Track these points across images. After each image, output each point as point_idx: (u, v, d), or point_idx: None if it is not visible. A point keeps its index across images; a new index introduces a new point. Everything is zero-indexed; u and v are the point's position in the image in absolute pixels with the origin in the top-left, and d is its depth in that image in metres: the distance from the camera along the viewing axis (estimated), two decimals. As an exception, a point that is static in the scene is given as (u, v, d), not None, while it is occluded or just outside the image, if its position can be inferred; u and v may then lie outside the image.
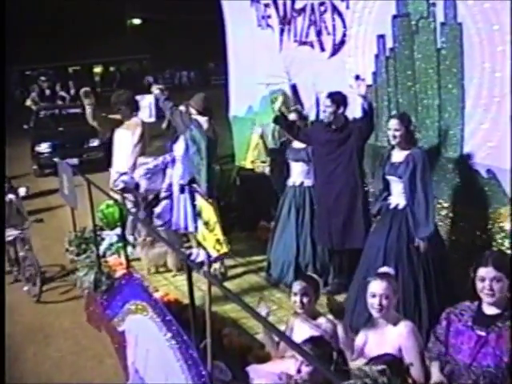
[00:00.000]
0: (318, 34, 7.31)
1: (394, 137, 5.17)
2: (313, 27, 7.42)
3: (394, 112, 6.30)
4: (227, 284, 6.45)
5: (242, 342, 5.23)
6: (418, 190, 5.07)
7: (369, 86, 6.57)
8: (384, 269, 4.41)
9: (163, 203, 6.85)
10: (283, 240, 6.71)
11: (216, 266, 6.85)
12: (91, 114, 7.44)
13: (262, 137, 8.64)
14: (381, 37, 6.32)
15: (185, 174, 6.58)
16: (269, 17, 8.24)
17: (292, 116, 6.65)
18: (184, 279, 6.92)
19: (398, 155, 5.24)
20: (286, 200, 6.72)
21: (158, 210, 6.89)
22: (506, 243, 5.26)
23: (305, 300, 4.34)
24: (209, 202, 3.91)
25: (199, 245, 7.31)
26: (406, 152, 5.18)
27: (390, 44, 6.23)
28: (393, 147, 5.31)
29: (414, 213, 5.10)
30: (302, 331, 4.32)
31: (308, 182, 6.51)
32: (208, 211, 3.90)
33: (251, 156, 8.81)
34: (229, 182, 8.58)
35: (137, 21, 43.41)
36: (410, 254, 5.16)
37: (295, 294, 4.36)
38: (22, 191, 7.99)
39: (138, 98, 7.32)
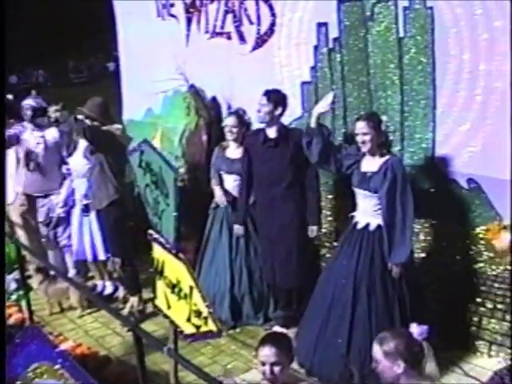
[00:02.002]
0: (237, 23, 6.26)
1: (363, 142, 4.31)
2: (230, 16, 6.35)
3: (337, 113, 5.40)
4: (148, 325, 5.41)
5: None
6: (397, 207, 4.22)
7: (306, 83, 5.65)
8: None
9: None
10: (214, 267, 5.67)
11: (133, 300, 5.69)
12: None
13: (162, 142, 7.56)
14: (322, 25, 5.38)
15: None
16: (172, 5, 7.06)
17: (230, 120, 5.54)
18: (94, 320, 5.81)
19: (370, 164, 4.37)
20: (216, 219, 5.68)
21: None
22: (494, 264, 4.52)
23: (276, 369, 3.28)
24: (180, 259, 2.76)
25: (109, 275, 6.31)
26: (381, 160, 4.33)
27: (334, 33, 5.30)
28: (363, 154, 4.42)
29: (390, 234, 4.24)
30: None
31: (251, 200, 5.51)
32: (177, 270, 2.76)
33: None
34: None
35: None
36: (384, 283, 4.32)
37: (263, 364, 3.30)
38: None
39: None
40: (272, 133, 5.08)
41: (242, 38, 6.27)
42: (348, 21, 5.14)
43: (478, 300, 4.68)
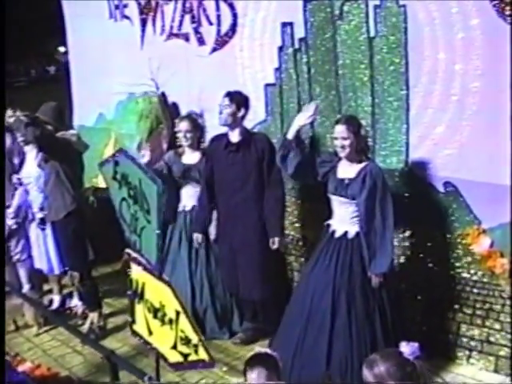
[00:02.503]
0: (196, 23, 6.00)
1: (343, 147, 4.11)
2: (188, 16, 6.09)
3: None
4: (111, 342, 5.23)
5: None
6: (377, 214, 4.05)
7: (270, 86, 5.44)
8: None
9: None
10: (173, 280, 5.33)
11: (93, 316, 5.37)
12: None
13: (115, 148, 7.22)
14: (287, 25, 5.18)
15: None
16: (125, 6, 6.75)
17: (183, 125, 5.28)
18: (52, 339, 5.44)
19: (348, 170, 4.18)
20: (176, 229, 5.40)
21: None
22: (473, 269, 4.39)
23: None
24: (164, 281, 2.47)
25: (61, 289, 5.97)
26: (359, 166, 4.15)
27: (300, 33, 5.10)
28: (339, 159, 4.23)
29: (370, 243, 4.06)
30: None
31: None
32: (161, 293, 2.48)
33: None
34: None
35: None
36: (364, 292, 4.14)
37: None
38: None
39: None
40: (235, 137, 4.86)
41: (201, 40, 6.02)
42: (315, 20, 4.95)
43: (456, 306, 4.53)
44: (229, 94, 4.84)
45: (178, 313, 2.40)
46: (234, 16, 5.61)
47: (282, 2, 5.16)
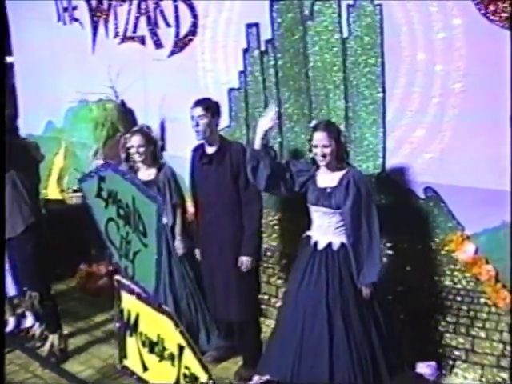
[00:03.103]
0: (152, 26, 5.71)
1: (324, 156, 3.88)
2: (144, 18, 5.79)
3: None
4: (72, 365, 4.91)
5: None
6: (363, 222, 3.85)
7: (234, 90, 5.20)
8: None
9: None
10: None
11: (53, 338, 5.01)
12: None
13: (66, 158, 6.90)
14: (253, 26, 4.94)
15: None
16: (74, 8, 6.39)
17: (135, 140, 4.91)
18: (10, 363, 4.96)
19: (328, 178, 3.97)
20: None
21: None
22: (459, 276, 4.25)
23: None
24: (164, 312, 2.17)
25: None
26: (339, 173, 3.94)
27: (266, 35, 4.88)
28: (317, 167, 4.01)
29: (357, 253, 3.85)
30: None
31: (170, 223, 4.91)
32: (159, 325, 2.18)
33: (58, 184, 6.97)
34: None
35: None
36: (359, 305, 3.93)
37: None
38: None
39: None
40: (210, 148, 4.54)
41: (158, 43, 5.74)
42: (283, 21, 4.73)
43: (439, 316, 4.38)
44: (201, 103, 4.44)
45: (181, 347, 2.10)
46: (194, 17, 5.36)
47: (246, 1, 4.93)
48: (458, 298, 4.29)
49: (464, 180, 4.05)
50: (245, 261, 4.41)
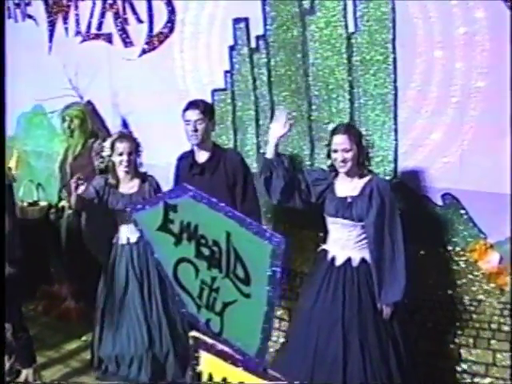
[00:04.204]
0: (120, 22, 5.20)
1: (344, 161, 3.54)
2: (110, 13, 5.27)
3: (263, 125, 4.60)
4: None
5: None
6: (386, 236, 3.51)
7: (219, 91, 4.78)
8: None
9: None
10: (125, 323, 4.54)
11: (27, 373, 4.47)
12: None
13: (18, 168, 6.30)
14: (241, 20, 4.53)
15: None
16: (28, 4, 5.78)
17: (125, 146, 4.37)
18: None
19: (348, 187, 3.62)
20: (120, 265, 4.56)
21: None
22: (484, 286, 3.97)
23: None
24: (272, 379, 1.70)
25: None
26: (361, 181, 3.60)
27: (257, 30, 4.48)
28: (336, 174, 3.65)
29: (380, 270, 3.52)
30: None
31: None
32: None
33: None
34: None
35: None
36: (377, 327, 3.60)
37: None
38: None
39: None
40: (201, 156, 4.11)
41: (127, 40, 5.23)
42: (278, 15, 4.33)
43: (459, 330, 4.10)
44: (197, 105, 4.05)
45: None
46: (171, 12, 4.88)
47: (233, -5, 4.52)
48: (479, 310, 4.02)
49: (485, 185, 3.77)
50: None
